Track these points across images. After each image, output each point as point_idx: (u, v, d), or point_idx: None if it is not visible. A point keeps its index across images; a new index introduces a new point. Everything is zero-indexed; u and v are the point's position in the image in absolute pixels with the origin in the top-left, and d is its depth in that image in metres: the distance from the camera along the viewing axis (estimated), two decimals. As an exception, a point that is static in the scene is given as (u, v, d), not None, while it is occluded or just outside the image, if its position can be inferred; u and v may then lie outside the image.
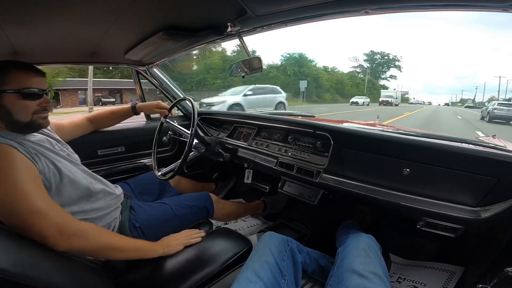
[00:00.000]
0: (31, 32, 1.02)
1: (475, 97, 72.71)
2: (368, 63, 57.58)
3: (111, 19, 0.94)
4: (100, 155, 1.66)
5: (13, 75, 0.90)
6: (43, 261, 0.71)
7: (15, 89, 0.89)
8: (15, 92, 0.89)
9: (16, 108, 0.91)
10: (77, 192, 0.99)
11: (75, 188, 0.99)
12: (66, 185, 0.96)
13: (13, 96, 0.89)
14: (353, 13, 0.80)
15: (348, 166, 1.17)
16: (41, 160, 0.90)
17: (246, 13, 0.86)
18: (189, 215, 1.31)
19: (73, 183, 0.98)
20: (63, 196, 0.95)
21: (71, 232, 0.82)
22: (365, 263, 0.81)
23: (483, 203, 0.87)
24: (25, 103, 0.92)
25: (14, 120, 0.91)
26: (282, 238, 0.96)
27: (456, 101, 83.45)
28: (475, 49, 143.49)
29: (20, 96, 0.90)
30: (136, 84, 1.91)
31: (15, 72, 0.91)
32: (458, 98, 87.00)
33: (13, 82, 0.89)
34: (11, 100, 0.90)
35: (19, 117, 0.92)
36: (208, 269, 0.97)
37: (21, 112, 0.92)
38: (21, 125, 0.93)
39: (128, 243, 0.97)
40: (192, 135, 1.32)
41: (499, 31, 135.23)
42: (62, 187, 0.95)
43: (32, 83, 0.93)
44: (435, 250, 1.44)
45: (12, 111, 0.90)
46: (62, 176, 0.95)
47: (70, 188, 0.97)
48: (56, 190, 0.93)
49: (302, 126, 1.42)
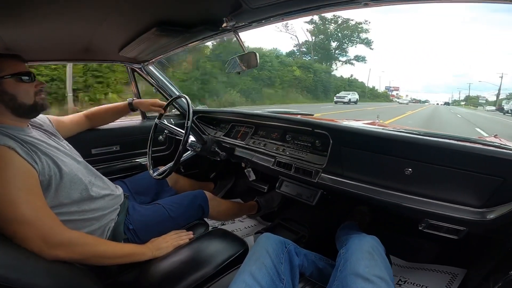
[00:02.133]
0: (23, 29, 1.00)
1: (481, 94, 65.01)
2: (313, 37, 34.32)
3: (103, 15, 0.91)
4: (94, 154, 1.63)
5: (3, 63, 0.93)
6: (26, 263, 0.70)
7: (11, 73, 0.92)
8: (12, 76, 0.93)
9: (19, 91, 0.94)
10: (76, 192, 0.98)
11: (75, 188, 0.98)
12: (66, 184, 0.95)
13: (12, 80, 0.93)
14: (353, 5, 0.77)
15: (348, 166, 1.14)
16: (41, 159, 0.89)
17: (241, 7, 0.83)
18: (184, 216, 1.29)
19: (73, 182, 0.98)
20: (62, 195, 0.94)
21: (56, 242, 0.81)
22: (370, 266, 0.79)
23: (488, 204, 0.84)
24: (24, 86, 0.95)
25: (20, 103, 0.94)
26: (279, 240, 0.95)
27: (459, 99, 75.16)
28: (476, 46, 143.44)
29: (19, 79, 0.94)
30: (131, 82, 1.89)
31: (4, 60, 0.94)
32: (460, 95, 77.27)
33: (7, 68, 0.92)
34: (12, 85, 0.93)
35: (23, 99, 0.95)
36: (203, 271, 0.96)
37: (24, 95, 0.95)
38: (26, 108, 0.96)
39: (115, 249, 0.97)
40: (186, 133, 1.30)
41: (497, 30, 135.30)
42: (62, 186, 0.94)
43: (22, 68, 0.96)
44: (437, 251, 1.42)
45: (16, 95, 0.93)
46: (62, 175, 0.94)
47: (69, 188, 0.96)
48: (55, 190, 0.92)
49: (301, 124, 1.39)
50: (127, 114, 1.63)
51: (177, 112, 2.09)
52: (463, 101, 70.37)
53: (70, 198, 0.96)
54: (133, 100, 1.59)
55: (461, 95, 76.44)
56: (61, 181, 0.94)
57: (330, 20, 32.92)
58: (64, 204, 0.94)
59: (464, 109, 38.68)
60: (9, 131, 0.88)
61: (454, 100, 76.75)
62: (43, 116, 1.15)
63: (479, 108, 44.28)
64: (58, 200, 0.93)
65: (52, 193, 0.91)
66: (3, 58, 0.94)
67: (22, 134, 0.92)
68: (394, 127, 1.34)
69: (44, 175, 0.89)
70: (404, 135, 1.04)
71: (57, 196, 0.92)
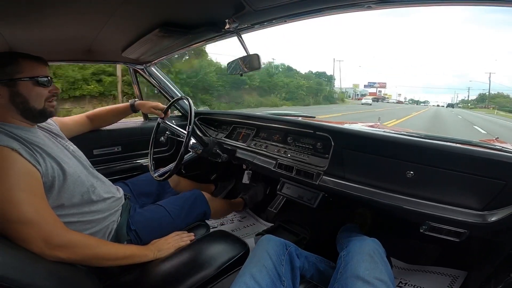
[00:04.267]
0: (26, 29, 1.00)
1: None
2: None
3: (106, 15, 0.92)
4: (96, 155, 1.63)
5: (23, 64, 0.92)
6: (27, 263, 0.70)
7: (29, 76, 0.92)
8: (30, 79, 0.92)
9: (32, 94, 0.93)
10: (78, 194, 0.99)
11: (77, 190, 0.98)
12: (68, 186, 0.95)
13: (28, 83, 0.92)
14: (356, 8, 0.77)
15: (349, 168, 1.14)
16: (45, 160, 0.89)
17: (244, 8, 0.83)
18: (186, 217, 1.29)
19: (76, 185, 0.98)
20: (64, 197, 0.94)
21: (58, 243, 0.81)
22: (370, 269, 0.79)
23: (490, 207, 0.84)
24: (39, 90, 0.95)
25: (30, 107, 0.94)
26: (280, 242, 0.95)
27: (466, 99, 59.23)
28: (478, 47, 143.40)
29: (35, 83, 0.93)
30: (133, 83, 1.89)
31: (25, 61, 0.93)
32: (468, 94, 61.61)
33: (25, 70, 0.92)
34: (27, 88, 0.92)
35: (34, 104, 0.94)
36: (203, 273, 0.95)
37: (36, 99, 0.94)
38: (35, 113, 0.95)
39: (117, 251, 0.97)
40: (188, 135, 1.30)
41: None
42: (65, 188, 0.94)
43: (42, 71, 0.96)
44: (437, 254, 1.42)
45: (28, 98, 0.93)
46: (65, 177, 0.94)
47: (72, 190, 0.96)
48: (57, 191, 0.92)
49: (302, 126, 1.39)
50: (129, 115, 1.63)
51: (179, 114, 2.10)
52: (476, 102, 52.43)
53: (72, 200, 0.96)
54: (135, 102, 1.59)
55: (468, 93, 61.17)
56: (64, 183, 0.94)
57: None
58: (66, 206, 0.94)
59: (484, 114, 27.09)
60: (15, 131, 0.89)
61: (461, 100, 62.42)
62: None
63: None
64: (59, 201, 0.93)
65: (55, 195, 0.91)
66: (24, 59, 0.93)
67: (28, 135, 0.92)
68: (396, 130, 1.34)
69: (48, 176, 0.89)
70: (406, 138, 1.04)
71: (59, 198, 0.92)
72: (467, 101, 57.13)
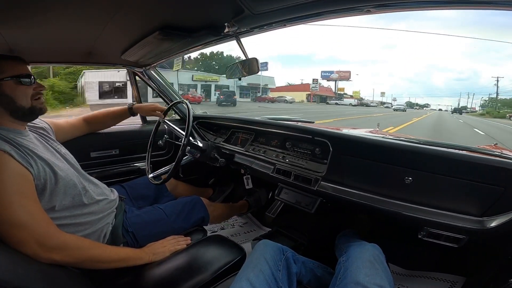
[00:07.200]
0: (26, 31, 1.01)
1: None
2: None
3: (106, 18, 0.92)
4: (93, 158, 1.62)
5: (3, 65, 0.92)
6: (20, 265, 0.69)
7: (10, 76, 0.92)
8: (12, 78, 0.92)
9: (17, 94, 0.93)
10: (70, 197, 0.98)
11: (69, 192, 0.97)
12: (60, 188, 0.94)
13: (11, 82, 0.92)
14: (355, 12, 0.77)
15: (348, 174, 1.14)
16: (37, 163, 0.89)
17: (243, 12, 0.84)
18: (183, 222, 1.28)
19: (68, 187, 0.97)
20: (56, 200, 0.93)
21: (51, 245, 0.81)
22: (371, 275, 0.78)
23: (489, 213, 0.84)
24: (23, 88, 0.95)
25: (18, 106, 0.94)
26: (277, 247, 0.94)
27: (487, 103, 44.85)
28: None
29: (18, 82, 0.93)
30: (132, 86, 1.89)
31: (5, 61, 0.93)
32: (467, 101, 51.61)
33: (7, 70, 0.92)
34: (11, 87, 0.92)
35: (21, 102, 0.94)
36: (199, 277, 0.94)
37: (22, 98, 0.94)
38: (25, 111, 0.96)
39: (111, 254, 0.96)
40: (186, 138, 1.29)
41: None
42: (56, 191, 0.93)
43: (23, 70, 0.96)
44: (436, 259, 1.41)
45: (14, 98, 0.93)
46: (57, 179, 0.93)
47: (64, 192, 0.96)
48: (49, 194, 0.91)
49: (301, 132, 1.39)
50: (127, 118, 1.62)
51: (178, 117, 2.09)
52: (490, 105, 41.90)
53: (63, 202, 0.95)
54: (133, 105, 1.58)
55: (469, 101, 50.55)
56: (56, 186, 0.93)
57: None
58: (57, 209, 0.94)
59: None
60: (6, 133, 0.88)
61: (482, 105, 47.17)
62: (41, 120, 1.14)
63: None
64: (51, 204, 0.92)
65: (47, 197, 0.91)
66: (4, 60, 0.94)
67: (19, 137, 0.92)
68: (394, 136, 1.34)
69: (40, 179, 0.88)
70: (405, 144, 1.04)
71: (51, 200, 0.92)
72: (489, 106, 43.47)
